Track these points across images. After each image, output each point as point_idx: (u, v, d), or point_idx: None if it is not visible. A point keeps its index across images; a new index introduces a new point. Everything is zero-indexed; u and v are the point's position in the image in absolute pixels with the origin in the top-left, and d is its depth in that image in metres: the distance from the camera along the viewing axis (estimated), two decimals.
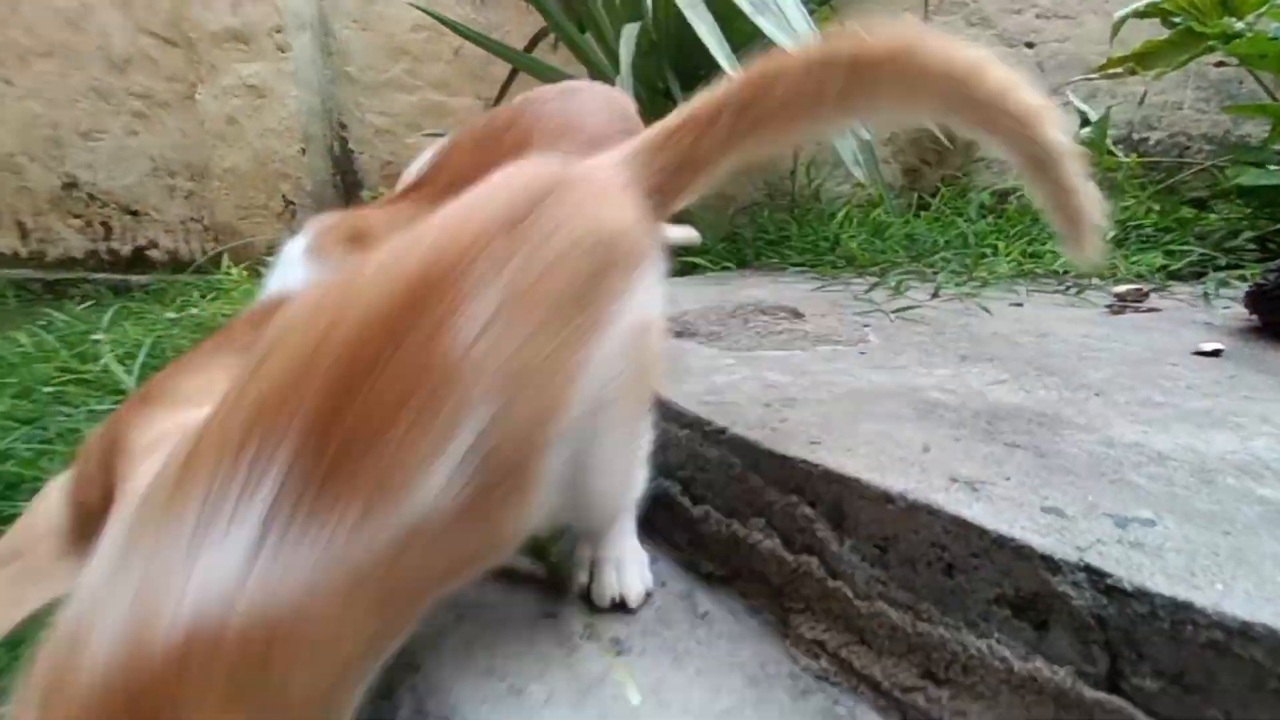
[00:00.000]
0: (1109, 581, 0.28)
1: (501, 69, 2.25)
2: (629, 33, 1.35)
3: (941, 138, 1.87)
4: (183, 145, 2.72)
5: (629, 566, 0.42)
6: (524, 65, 2.01)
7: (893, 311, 0.90)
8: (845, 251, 1.43)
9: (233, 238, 2.66)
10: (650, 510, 0.53)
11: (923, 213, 1.76)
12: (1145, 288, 1.02)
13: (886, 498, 0.34)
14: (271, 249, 2.54)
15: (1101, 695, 0.28)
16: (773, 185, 2.18)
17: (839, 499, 0.37)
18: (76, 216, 2.88)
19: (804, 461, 0.39)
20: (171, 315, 1.67)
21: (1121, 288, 1.01)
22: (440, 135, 1.95)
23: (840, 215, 1.69)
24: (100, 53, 2.63)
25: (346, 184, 2.76)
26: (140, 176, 2.80)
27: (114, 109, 2.71)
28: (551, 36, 2.14)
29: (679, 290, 1.03)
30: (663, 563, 0.47)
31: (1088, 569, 0.28)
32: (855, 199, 1.91)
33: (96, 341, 1.45)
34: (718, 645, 0.38)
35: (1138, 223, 1.40)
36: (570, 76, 1.89)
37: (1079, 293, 1.05)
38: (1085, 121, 1.58)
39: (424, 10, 2.24)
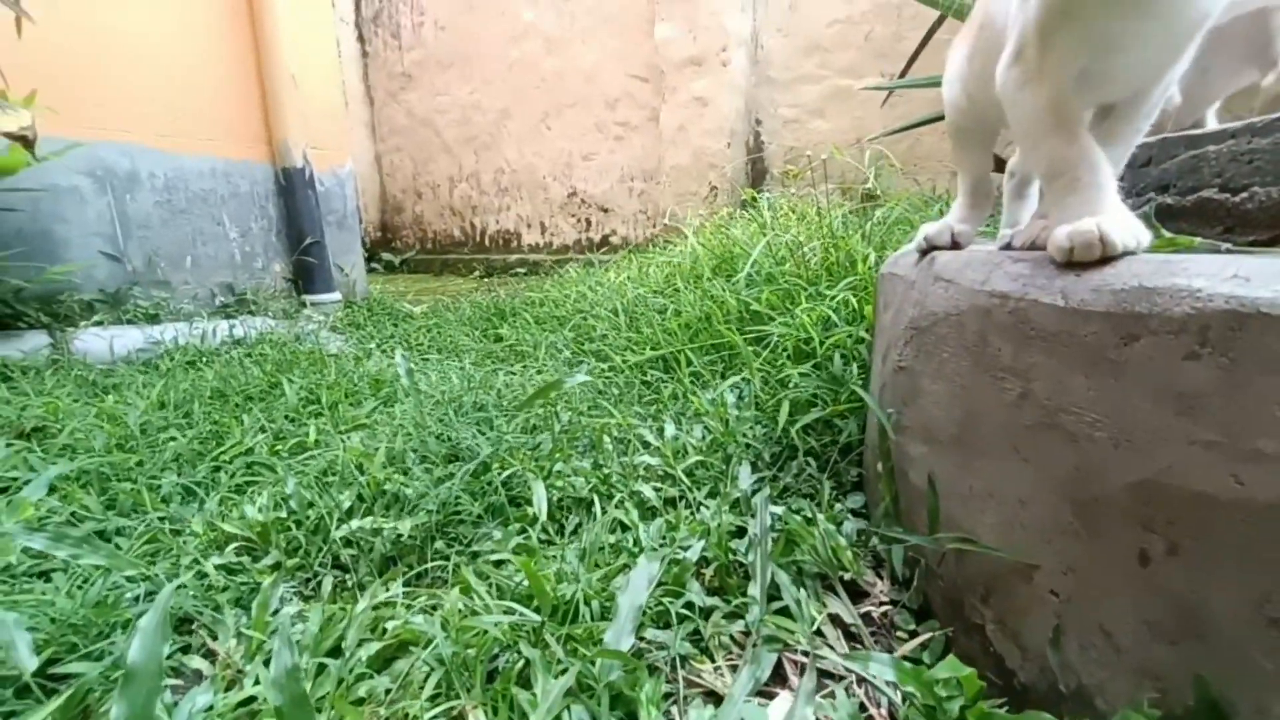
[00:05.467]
0: None
1: (906, 46, 2.40)
2: None
3: None
4: (642, 156, 3.65)
5: None
6: (957, 12, 2.09)
7: None
8: None
9: (669, 221, 3.44)
10: (1172, 226, 0.63)
11: None
12: None
13: None
14: (697, 222, 3.11)
15: None
16: None
17: None
18: (572, 215, 4.11)
19: None
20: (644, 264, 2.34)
21: None
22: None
23: None
24: (601, 98, 3.74)
25: (755, 170, 3.29)
26: (612, 183, 3.86)
27: (604, 136, 3.81)
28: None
29: None
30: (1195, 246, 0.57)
31: None
32: None
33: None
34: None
35: None
36: None
37: None
38: None
39: None
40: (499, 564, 0.72)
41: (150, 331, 1.88)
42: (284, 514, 0.75)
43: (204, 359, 1.80)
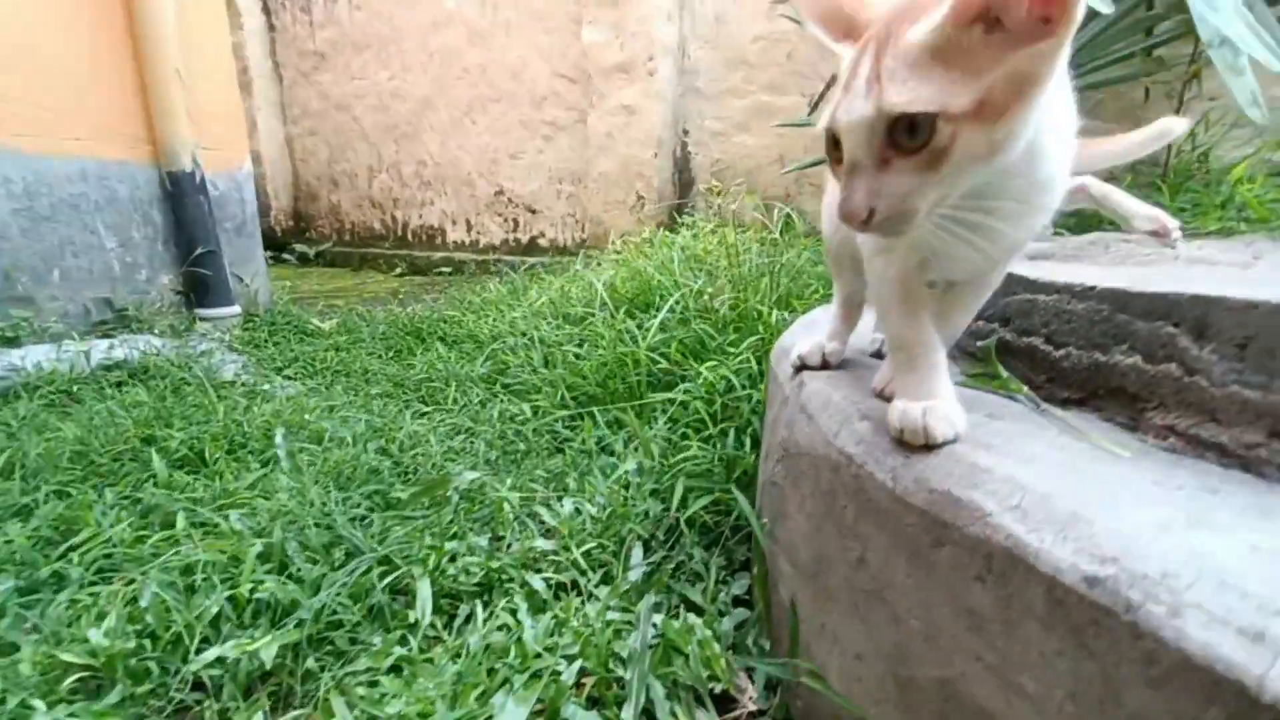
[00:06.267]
0: None
1: (827, 68, 2.46)
2: None
3: None
4: (571, 157, 3.58)
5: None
6: None
7: None
8: (1240, 206, 1.27)
9: (597, 228, 3.41)
10: (1009, 366, 0.68)
11: None
12: None
13: (1251, 305, 0.45)
14: (624, 236, 3.14)
15: None
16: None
17: (1204, 314, 0.48)
18: (499, 215, 4.00)
19: (1173, 293, 0.51)
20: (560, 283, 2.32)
21: None
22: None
23: (1234, 170, 1.47)
24: (528, 96, 3.63)
25: (682, 181, 3.30)
26: (541, 184, 3.77)
27: (531, 135, 3.71)
28: None
29: None
30: (1020, 397, 0.62)
31: None
32: (1261, 160, 1.60)
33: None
34: (1069, 433, 0.53)
35: None
36: None
37: None
38: None
39: (786, 17, 2.55)
40: (374, 683, 0.70)
41: (8, 357, 1.70)
42: (133, 642, 0.70)
43: (74, 387, 1.65)
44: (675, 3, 2.98)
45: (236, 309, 2.30)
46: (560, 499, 1.06)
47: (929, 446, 0.49)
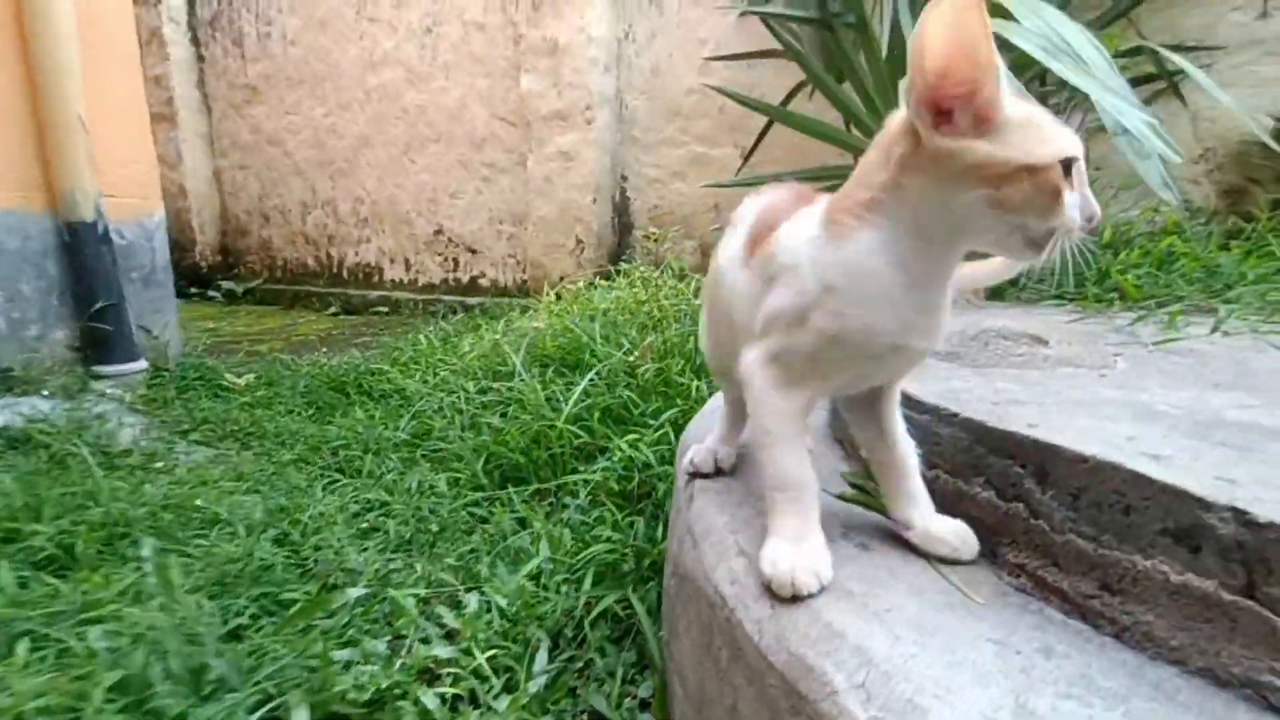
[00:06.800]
0: (1249, 517, 0.38)
1: (758, 121, 2.55)
2: (905, 85, 1.50)
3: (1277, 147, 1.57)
4: (511, 199, 3.57)
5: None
6: (781, 117, 2.26)
7: (1154, 343, 0.91)
8: (1115, 284, 1.37)
9: (538, 270, 3.40)
10: None
11: (1234, 242, 1.54)
12: None
13: (1081, 459, 0.47)
14: (563, 279, 3.16)
15: (1240, 600, 0.38)
16: None
17: (1044, 461, 0.50)
18: (439, 254, 3.94)
19: (1020, 435, 0.53)
20: (502, 331, 2.29)
21: None
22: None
23: (1112, 240, 1.58)
24: (467, 137, 3.62)
25: (621, 225, 3.33)
26: (481, 224, 3.74)
27: (470, 175, 3.68)
28: (808, 89, 2.36)
29: None
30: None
31: (1233, 509, 0.39)
32: (1144, 225, 1.72)
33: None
34: (931, 571, 0.54)
35: None
36: (823, 124, 2.09)
37: None
38: None
39: (710, 87, 2.64)
40: None
41: None
42: None
43: None
44: (611, 55, 3.04)
45: (142, 364, 2.16)
46: (469, 590, 1.02)
47: (796, 598, 0.49)
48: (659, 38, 2.99)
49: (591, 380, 1.54)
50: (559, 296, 2.62)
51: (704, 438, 0.77)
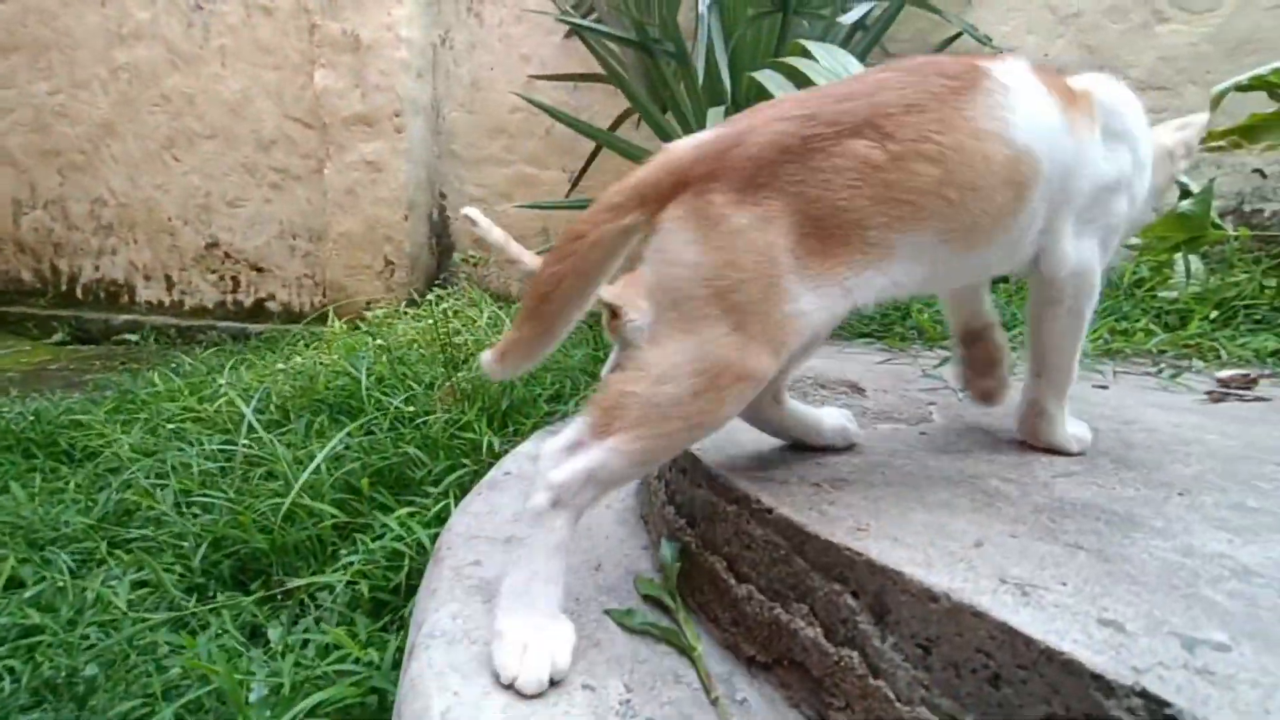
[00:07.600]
0: (1168, 711, 0.26)
1: (586, 145, 2.43)
2: (714, 115, 1.44)
3: None
4: (308, 211, 3.07)
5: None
6: (608, 143, 2.16)
7: (960, 391, 0.88)
8: (915, 323, 1.40)
9: (339, 294, 2.94)
10: (695, 585, 0.53)
11: (1002, 283, 1.69)
12: (1253, 374, 0.93)
13: (930, 595, 0.33)
14: (369, 305, 2.78)
15: None
16: None
17: (882, 591, 0.36)
18: (213, 272, 3.28)
19: (849, 549, 0.38)
20: (280, 365, 1.87)
21: (1225, 373, 0.93)
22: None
23: None
24: (252, 136, 3.06)
25: (440, 247, 3.01)
26: (269, 238, 3.17)
27: (256, 181, 3.12)
28: (635, 116, 2.29)
29: None
30: (706, 643, 0.47)
31: (1144, 694, 0.26)
32: None
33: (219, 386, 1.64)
34: None
35: (1248, 301, 1.28)
36: (649, 153, 2.01)
37: (1174, 376, 0.98)
38: (1186, 193, 1.50)
39: (522, 96, 2.47)
40: None
41: None
42: None
43: None
44: (426, 60, 2.76)
45: None
46: None
47: None
48: (479, 49, 2.77)
49: (367, 431, 1.23)
50: (356, 326, 2.23)
51: (478, 533, 0.54)
